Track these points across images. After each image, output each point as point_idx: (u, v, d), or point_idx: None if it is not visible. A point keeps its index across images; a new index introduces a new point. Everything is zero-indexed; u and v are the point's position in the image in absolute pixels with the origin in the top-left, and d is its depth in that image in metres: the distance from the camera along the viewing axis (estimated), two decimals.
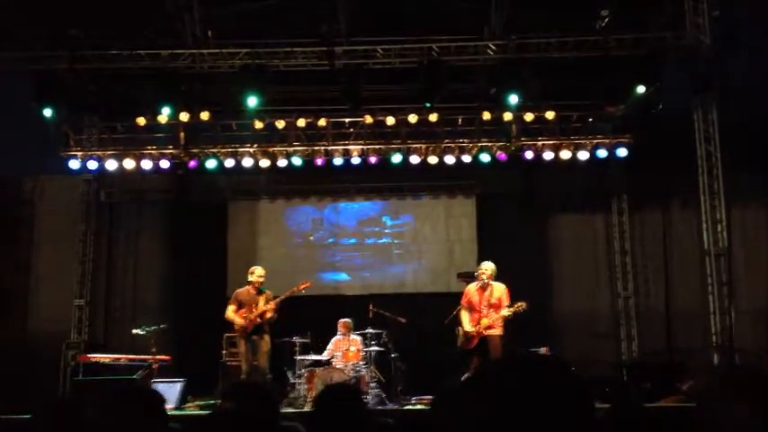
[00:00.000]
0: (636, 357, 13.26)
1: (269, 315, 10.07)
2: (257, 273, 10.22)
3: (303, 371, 10.71)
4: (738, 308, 11.37)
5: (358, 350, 10.91)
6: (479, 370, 1.56)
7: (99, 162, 12.94)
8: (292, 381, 10.86)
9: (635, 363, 12.92)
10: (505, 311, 9.45)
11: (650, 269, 13.78)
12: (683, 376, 9.99)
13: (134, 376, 9.88)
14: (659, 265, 13.69)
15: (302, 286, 10.37)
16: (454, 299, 10.47)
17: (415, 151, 12.88)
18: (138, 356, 11.01)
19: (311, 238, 14.11)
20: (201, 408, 10.21)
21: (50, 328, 13.30)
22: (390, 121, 12.48)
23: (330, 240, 14.10)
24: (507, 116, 12.33)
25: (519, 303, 9.50)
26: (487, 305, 9.57)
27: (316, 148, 12.94)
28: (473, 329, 9.55)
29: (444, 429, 2.80)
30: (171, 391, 10.47)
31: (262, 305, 10.02)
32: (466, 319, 9.70)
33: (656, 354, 13.06)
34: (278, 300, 10.08)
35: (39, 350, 12.99)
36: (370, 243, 14.14)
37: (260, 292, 10.17)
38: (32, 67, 11.41)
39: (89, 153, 13.01)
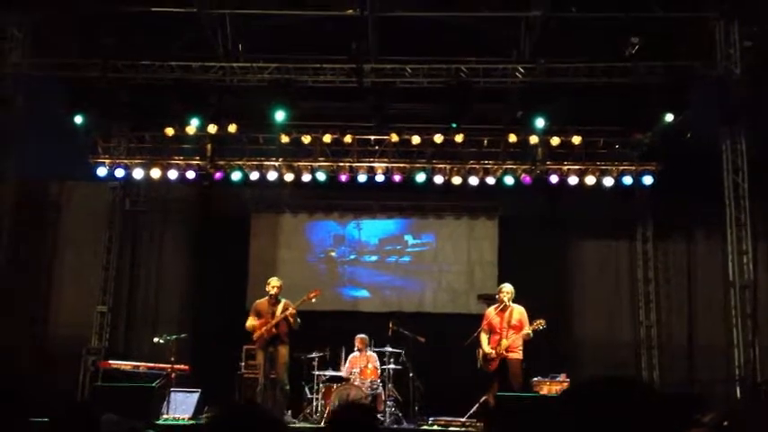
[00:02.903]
0: (657, 388, 13.10)
1: (284, 328, 10.10)
2: (272, 283, 10.34)
3: (320, 386, 10.71)
4: (762, 341, 11.21)
5: (375, 367, 10.89)
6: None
7: (126, 170, 13.04)
8: (309, 396, 10.85)
9: None
10: (526, 330, 9.44)
11: (673, 299, 13.64)
12: (705, 408, 9.84)
13: (153, 384, 9.91)
14: (683, 295, 13.56)
15: (312, 295, 10.40)
16: (474, 320, 10.44)
17: (440, 171, 12.87)
18: (157, 365, 11.05)
19: (332, 253, 14.13)
20: None
21: (71, 333, 13.39)
22: (416, 140, 12.49)
23: (351, 257, 14.10)
24: (533, 139, 12.31)
25: (538, 321, 9.50)
26: (507, 327, 9.56)
27: (340, 164, 12.96)
28: (492, 351, 9.53)
29: None
30: (188, 401, 10.50)
31: (279, 314, 10.07)
32: (485, 340, 9.69)
33: (677, 384, 12.90)
34: (293, 308, 10.12)
35: (58, 354, 13.09)
36: (391, 261, 14.13)
37: (277, 301, 10.23)
38: (65, 74, 11.57)
39: (117, 161, 13.11)
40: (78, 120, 11.71)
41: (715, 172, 11.31)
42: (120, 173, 13.07)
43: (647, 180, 12.73)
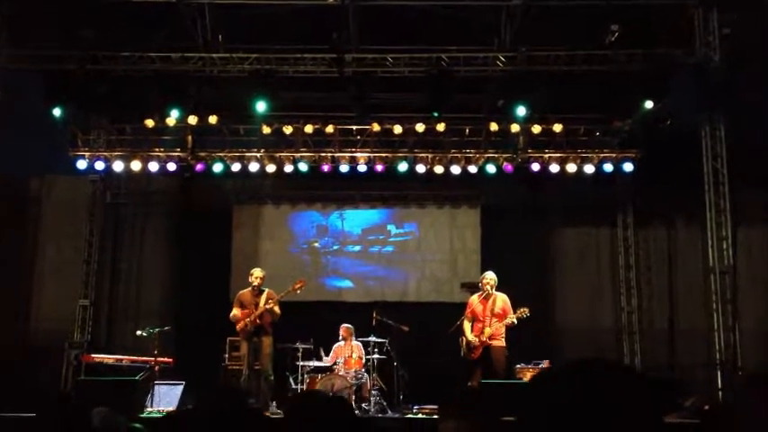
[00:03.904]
0: (637, 370, 13.23)
1: (268, 318, 10.10)
2: (255, 274, 10.34)
3: (305, 376, 10.72)
4: (742, 325, 11.34)
5: (360, 357, 10.91)
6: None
7: (106, 163, 12.96)
8: (294, 386, 10.86)
9: None
10: (510, 318, 9.50)
11: (654, 285, 13.77)
12: (686, 393, 9.95)
13: (136, 377, 9.88)
14: (663, 281, 13.69)
15: (297, 286, 10.42)
16: (457, 308, 10.48)
17: (422, 160, 12.89)
18: (140, 358, 11.02)
19: (315, 244, 14.12)
20: None
21: (53, 327, 13.32)
22: (397, 129, 12.49)
23: (335, 247, 14.11)
24: (515, 128, 12.34)
25: (522, 309, 9.56)
26: (491, 315, 9.60)
27: (322, 154, 12.94)
28: (476, 339, 9.58)
29: None
30: (171, 393, 10.48)
31: (262, 305, 10.07)
32: (468, 328, 9.73)
33: (658, 369, 13.03)
34: (276, 299, 10.13)
35: (41, 348, 13.01)
36: (374, 251, 14.14)
37: (260, 292, 10.22)
38: (44, 67, 11.46)
39: (97, 154, 13.02)
40: (57, 112, 11.58)
41: (695, 158, 11.40)
42: (100, 166, 12.99)
43: (628, 167, 12.83)
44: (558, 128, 12.42)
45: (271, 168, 12.94)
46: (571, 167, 12.73)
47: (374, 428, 8.90)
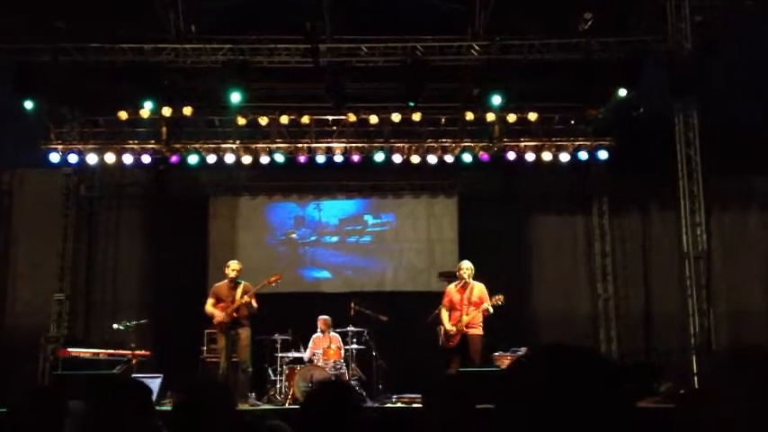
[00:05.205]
0: (615, 359, 13.35)
1: (245, 311, 10.06)
2: (232, 266, 10.27)
3: (284, 368, 10.71)
4: (716, 310, 11.48)
5: (338, 348, 10.92)
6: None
7: (80, 156, 12.82)
8: (273, 378, 10.85)
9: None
10: (485, 305, 9.56)
11: (630, 271, 13.88)
12: (662, 378, 10.06)
13: (113, 371, 9.82)
14: (639, 268, 13.80)
15: (273, 279, 10.39)
16: (434, 298, 10.52)
17: (398, 150, 12.89)
18: (117, 351, 10.95)
19: (293, 235, 14.08)
20: None
21: (29, 322, 13.18)
22: (373, 119, 12.49)
23: (312, 238, 14.08)
24: (490, 117, 12.38)
25: (497, 297, 9.63)
26: (468, 304, 9.66)
27: (298, 145, 12.90)
28: (453, 328, 9.63)
29: (439, 423, 2.78)
30: (150, 386, 10.41)
31: (238, 298, 10.03)
32: (446, 317, 9.78)
33: (634, 355, 13.17)
34: (252, 292, 10.09)
35: (17, 344, 12.88)
36: (351, 241, 14.14)
37: (236, 284, 10.18)
38: (14, 59, 11.30)
39: (70, 146, 12.88)
40: (28, 105, 11.44)
41: (668, 145, 11.50)
42: (73, 159, 12.84)
43: (603, 155, 12.91)
44: (533, 116, 12.47)
45: (247, 159, 12.89)
46: (546, 156, 12.78)
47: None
